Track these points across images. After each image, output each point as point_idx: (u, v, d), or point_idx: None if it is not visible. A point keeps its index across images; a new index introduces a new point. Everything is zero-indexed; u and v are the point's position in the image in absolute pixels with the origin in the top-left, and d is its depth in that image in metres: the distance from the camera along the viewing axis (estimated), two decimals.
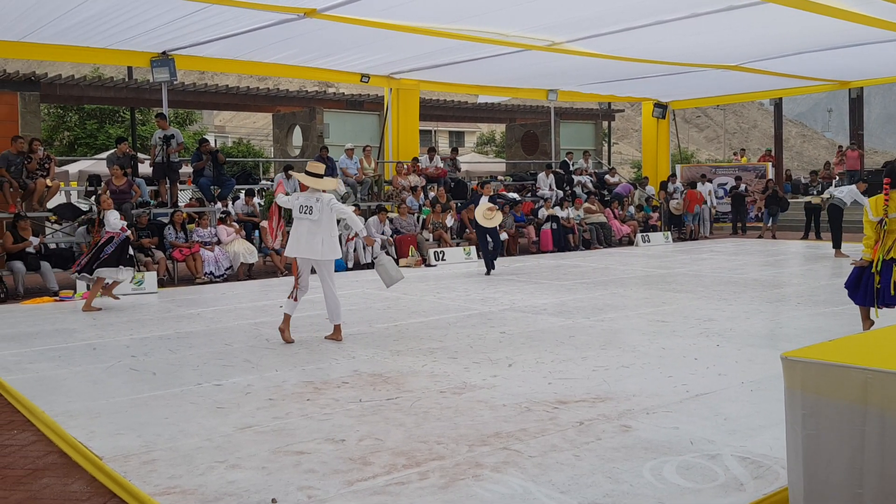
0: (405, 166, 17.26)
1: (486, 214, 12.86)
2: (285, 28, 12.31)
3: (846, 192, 14.81)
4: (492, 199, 13.38)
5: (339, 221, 7.68)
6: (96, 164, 20.37)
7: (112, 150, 15.03)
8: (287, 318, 7.48)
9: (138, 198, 13.30)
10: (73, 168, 22.68)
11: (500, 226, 13.73)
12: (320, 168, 7.59)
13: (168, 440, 4.58)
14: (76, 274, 10.11)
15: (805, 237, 18.83)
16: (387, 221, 15.12)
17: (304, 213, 7.32)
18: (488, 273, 12.97)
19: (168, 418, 5.03)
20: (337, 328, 7.53)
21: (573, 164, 21.01)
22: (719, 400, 5.21)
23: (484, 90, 19.64)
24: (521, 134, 26.06)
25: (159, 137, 13.92)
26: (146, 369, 6.48)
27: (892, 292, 6.62)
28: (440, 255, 14.94)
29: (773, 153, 27.07)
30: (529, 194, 19.61)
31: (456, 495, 3.68)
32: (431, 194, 17.12)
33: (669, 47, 14.26)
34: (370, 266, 14.39)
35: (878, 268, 6.70)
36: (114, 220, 9.85)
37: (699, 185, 21.22)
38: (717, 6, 11.43)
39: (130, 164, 13.67)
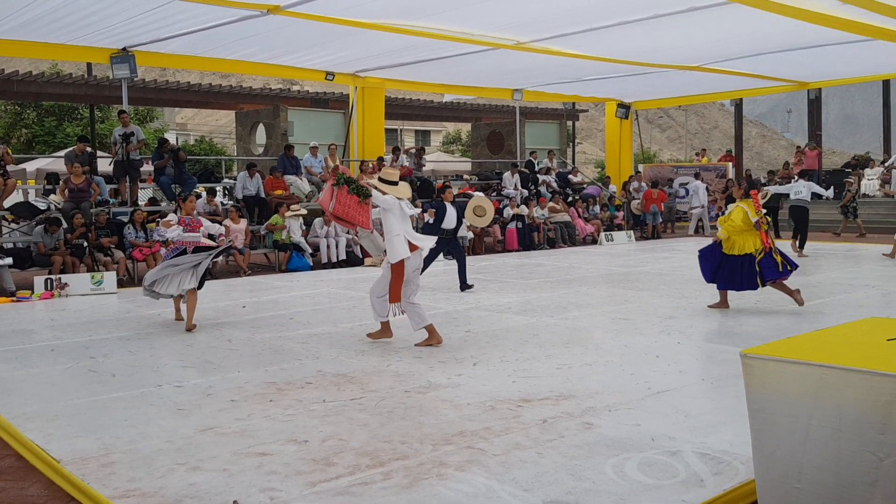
0: (370, 165, 17.20)
1: (476, 216, 11.75)
2: (248, 25, 12.19)
3: (805, 191, 14.93)
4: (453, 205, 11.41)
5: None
6: (55, 162, 19.98)
7: (71, 148, 14.77)
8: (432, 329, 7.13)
9: (97, 196, 13.09)
10: (30, 166, 22.23)
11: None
12: (395, 175, 7.30)
13: (127, 442, 4.51)
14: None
15: None
16: None
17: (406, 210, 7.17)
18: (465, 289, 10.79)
19: (127, 420, 4.96)
20: (430, 330, 7.11)
21: (538, 164, 21.13)
22: (680, 397, 5.27)
23: (449, 89, 19.65)
24: (486, 133, 26.12)
25: (119, 135, 13.70)
26: (105, 371, 6.38)
27: (780, 269, 8.40)
28: None
29: (733, 153, 27.48)
30: (495, 193, 19.66)
31: (419, 495, 3.68)
32: None
33: (632, 48, 14.40)
34: (335, 265, 14.32)
35: (761, 257, 8.42)
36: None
37: (692, 181, 21.50)
38: (679, 7, 11.57)
39: (89, 162, 13.44)
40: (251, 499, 3.67)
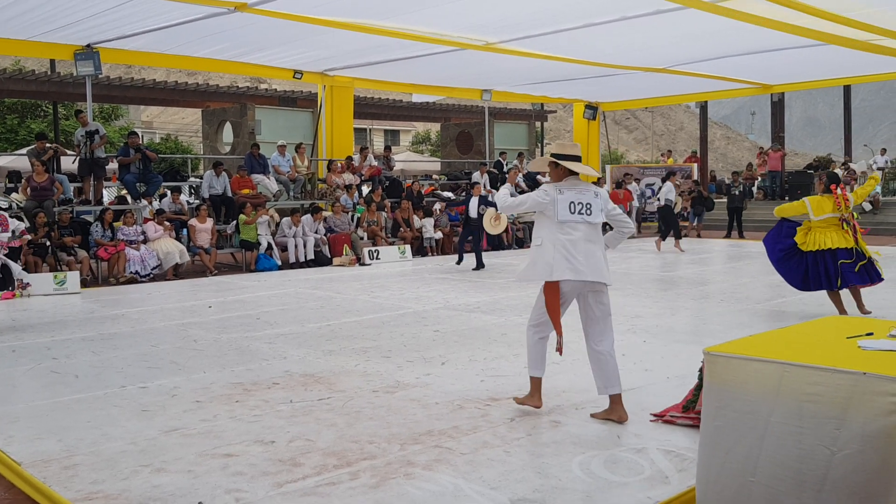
0: (339, 164, 17.14)
1: (493, 224, 11.07)
2: (215, 22, 12.07)
3: (665, 192, 16.71)
4: (482, 201, 13.65)
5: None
6: (17, 160, 19.61)
7: (32, 146, 14.52)
8: (536, 382, 4.93)
9: (60, 195, 12.88)
10: None
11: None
12: (578, 149, 4.92)
13: (90, 444, 4.45)
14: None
15: (728, 236, 19.42)
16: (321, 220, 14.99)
17: (582, 212, 4.72)
18: (478, 269, 13.29)
19: (90, 422, 4.89)
20: (616, 401, 4.77)
21: (507, 164, 21.21)
22: (646, 395, 5.33)
23: (419, 89, 19.63)
24: (455, 133, 26.15)
25: (81, 135, 13.50)
26: (68, 372, 6.28)
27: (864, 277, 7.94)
28: (374, 254, 14.89)
29: (698, 154, 27.81)
30: (464, 193, 19.69)
31: (387, 494, 3.68)
32: (366, 190, 17.05)
33: (600, 49, 14.50)
34: (303, 265, 14.24)
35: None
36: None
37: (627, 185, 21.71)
38: (646, 10, 11.68)
39: (45, 155, 13.19)
40: (217, 500, 3.64)
